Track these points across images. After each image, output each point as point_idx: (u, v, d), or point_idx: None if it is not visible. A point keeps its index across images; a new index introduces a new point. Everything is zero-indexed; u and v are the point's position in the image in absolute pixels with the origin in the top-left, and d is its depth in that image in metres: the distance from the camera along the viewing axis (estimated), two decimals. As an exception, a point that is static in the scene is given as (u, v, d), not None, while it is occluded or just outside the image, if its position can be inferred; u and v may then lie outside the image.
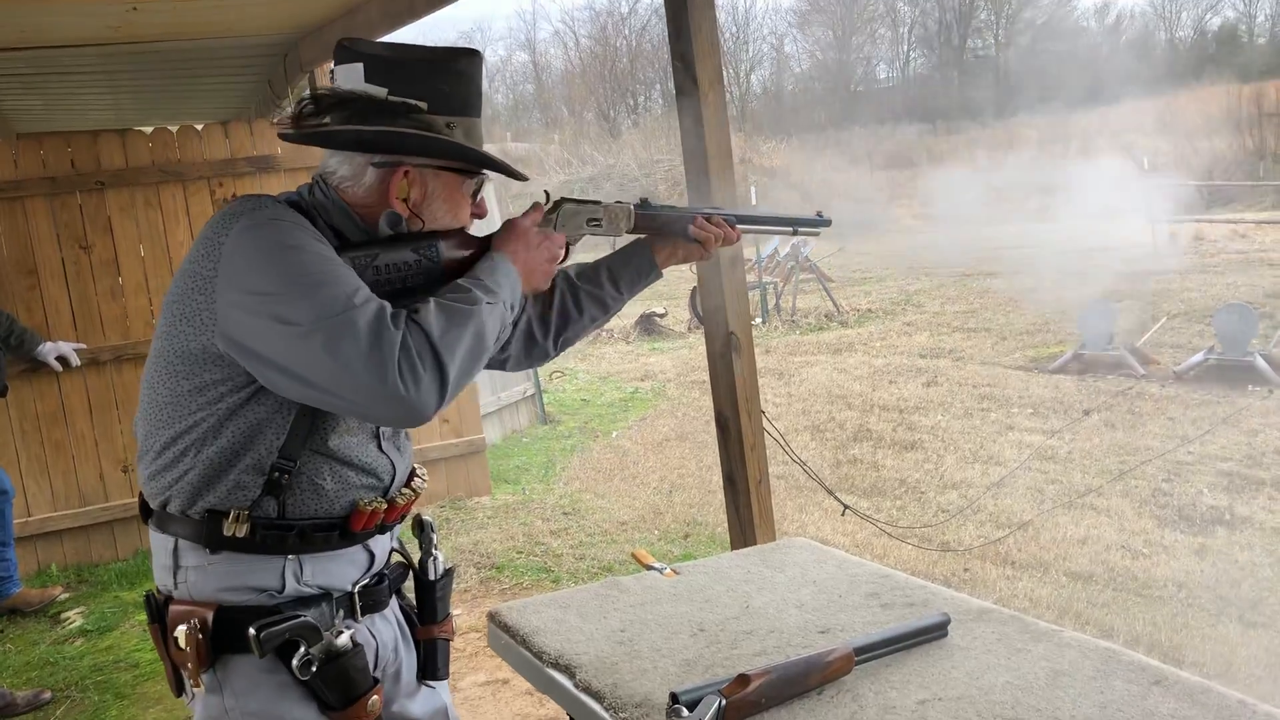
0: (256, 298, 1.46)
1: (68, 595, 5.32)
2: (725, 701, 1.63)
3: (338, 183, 1.65)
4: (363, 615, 1.71)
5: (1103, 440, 6.97)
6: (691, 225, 2.01)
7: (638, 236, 2.04)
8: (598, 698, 1.82)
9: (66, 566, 5.66)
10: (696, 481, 6.65)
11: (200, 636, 1.55)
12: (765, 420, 3.33)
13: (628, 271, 2.03)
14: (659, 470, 7.04)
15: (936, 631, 1.90)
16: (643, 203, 2.00)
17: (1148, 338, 9.76)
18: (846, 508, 4.01)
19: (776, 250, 15.44)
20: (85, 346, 5.51)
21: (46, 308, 5.54)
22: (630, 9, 47.76)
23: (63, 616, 5.07)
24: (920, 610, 2.04)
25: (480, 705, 3.82)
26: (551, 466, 7.31)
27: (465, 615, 4.64)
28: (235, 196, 5.89)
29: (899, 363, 10.24)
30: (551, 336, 2.01)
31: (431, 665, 1.87)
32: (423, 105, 1.61)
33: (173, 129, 5.89)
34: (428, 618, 1.88)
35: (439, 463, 6.23)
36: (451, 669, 4.14)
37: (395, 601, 1.84)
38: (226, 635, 1.56)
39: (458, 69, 1.65)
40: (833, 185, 31.43)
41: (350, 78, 1.60)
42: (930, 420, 7.90)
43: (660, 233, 2.02)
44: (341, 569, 1.67)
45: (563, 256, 1.85)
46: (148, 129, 5.96)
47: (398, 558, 1.85)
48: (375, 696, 1.63)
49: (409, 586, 1.91)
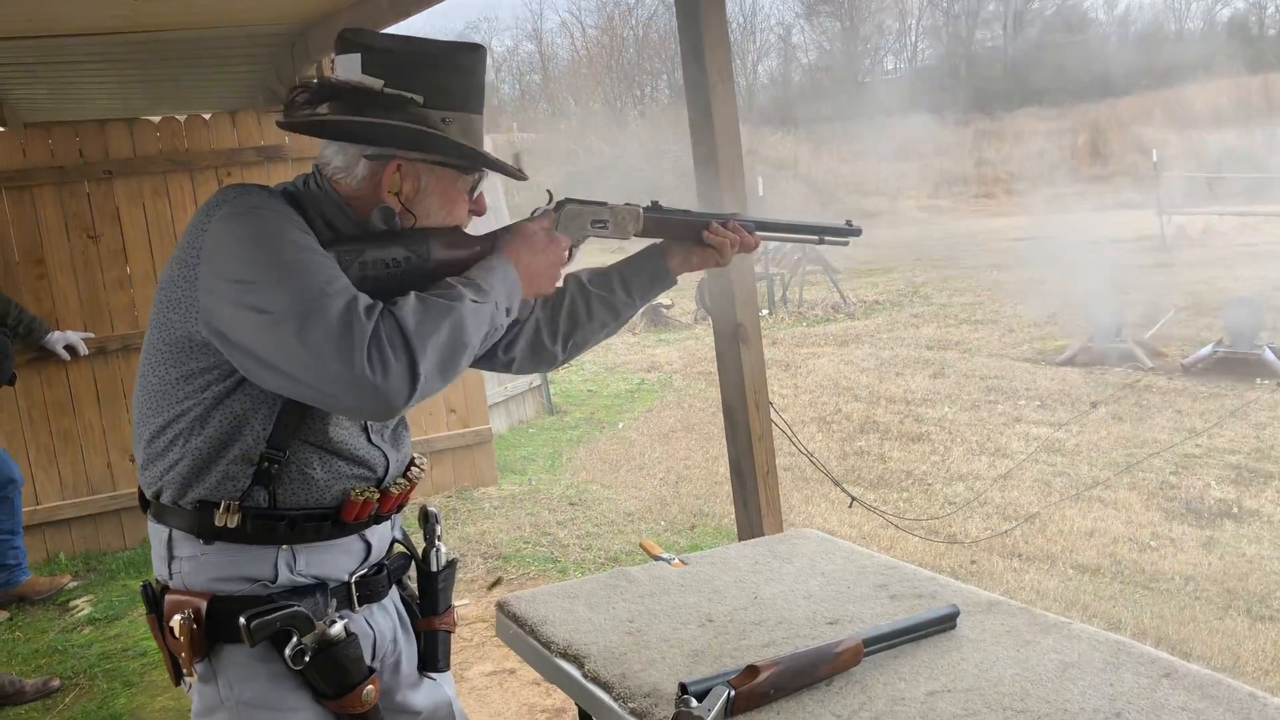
0: (233, 285, 1.45)
1: (76, 584, 5.34)
2: (734, 692, 1.64)
3: (331, 173, 1.64)
4: (360, 605, 1.71)
5: (1110, 433, 6.96)
6: (706, 231, 1.96)
7: (653, 241, 2.00)
8: (606, 687, 1.82)
9: (75, 555, 5.68)
10: (703, 473, 6.64)
11: (194, 626, 1.55)
12: (772, 411, 3.33)
13: (640, 278, 1.99)
14: (665, 461, 7.04)
15: (945, 623, 1.90)
16: (653, 205, 1.95)
17: (1156, 330, 9.73)
18: (854, 499, 4.01)
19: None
20: (93, 335, 5.52)
21: (54, 297, 5.55)
22: (637, 0, 47.63)
23: (71, 605, 5.09)
24: (929, 602, 2.04)
25: (487, 695, 3.83)
26: (558, 457, 7.31)
27: (472, 605, 4.65)
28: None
29: (906, 354, 10.23)
30: (560, 341, 1.97)
31: (431, 657, 1.87)
32: (418, 99, 1.59)
33: (180, 118, 5.89)
34: (428, 609, 1.87)
35: (446, 453, 6.23)
36: (459, 658, 4.16)
37: (395, 592, 1.84)
38: (220, 625, 1.56)
39: (457, 63, 1.64)
40: (840, 176, 31.39)
41: (348, 68, 1.59)
42: (937, 412, 7.89)
43: (672, 236, 1.97)
44: (336, 559, 1.67)
45: (568, 259, 1.83)
46: (155, 118, 5.96)
47: (400, 548, 1.85)
48: (370, 686, 1.63)
49: (412, 576, 1.91)
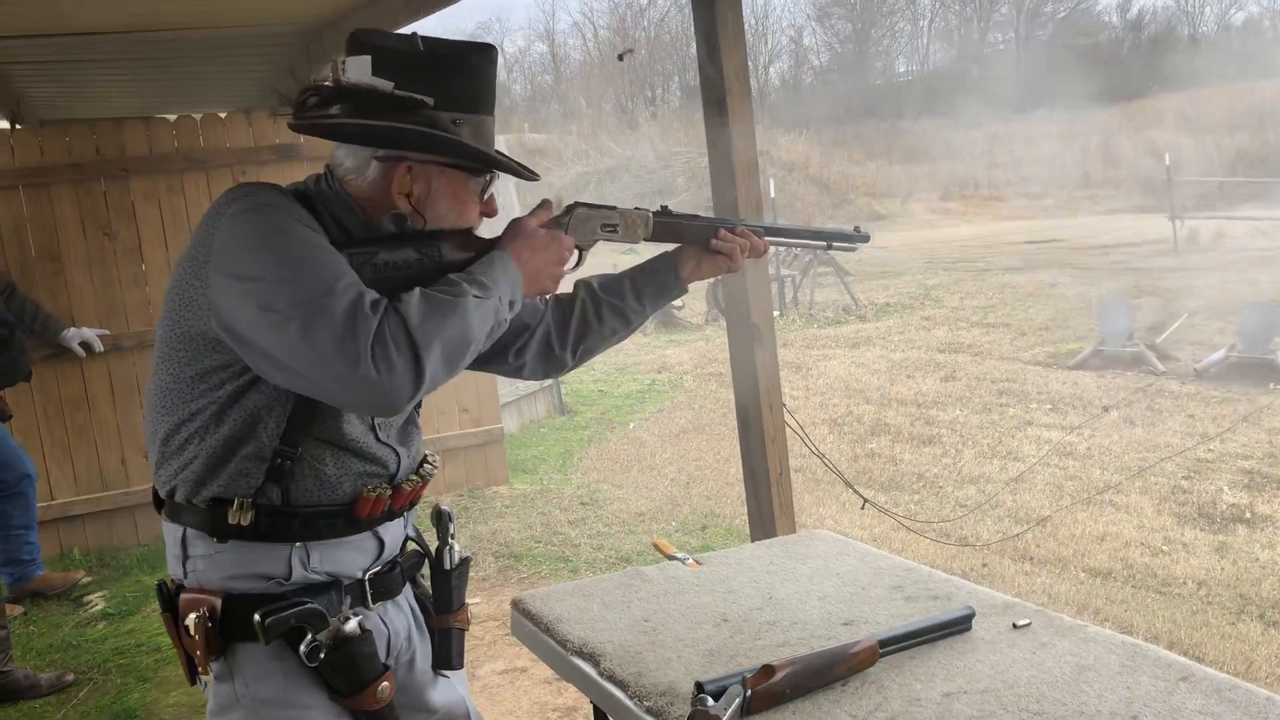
0: (242, 283, 1.46)
1: (90, 579, 5.37)
2: (750, 691, 1.64)
3: (343, 175, 1.65)
4: (374, 602, 1.72)
5: (1122, 437, 6.94)
6: (714, 238, 1.95)
7: (666, 249, 1.99)
8: (622, 686, 1.83)
9: (89, 551, 5.71)
10: (714, 473, 6.65)
11: (209, 625, 1.56)
12: (785, 413, 3.33)
13: (651, 286, 1.98)
14: (676, 462, 7.05)
15: (961, 625, 1.90)
16: (663, 210, 1.94)
17: (1168, 334, 9.70)
18: (866, 501, 4.01)
19: (794, 243, 15.38)
20: (108, 332, 5.55)
21: (70, 294, 5.58)
22: (649, 1, 47.67)
23: (85, 600, 5.11)
24: (944, 604, 2.04)
25: (499, 693, 3.84)
26: (569, 457, 7.32)
27: (484, 604, 4.67)
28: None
29: (917, 357, 10.22)
30: (570, 347, 1.96)
31: (444, 655, 1.87)
32: (429, 100, 1.59)
33: (196, 117, 5.92)
34: (442, 607, 1.87)
35: (457, 452, 6.25)
36: (470, 657, 4.17)
37: (409, 589, 1.84)
38: (235, 623, 1.57)
39: (468, 64, 1.63)
40: (851, 178, 31.36)
41: (359, 70, 1.58)
42: (948, 415, 7.88)
43: (682, 242, 1.97)
44: (350, 556, 1.68)
45: (575, 261, 1.81)
46: (171, 117, 5.99)
47: (413, 546, 1.86)
48: (385, 683, 1.64)
49: (425, 575, 1.91)
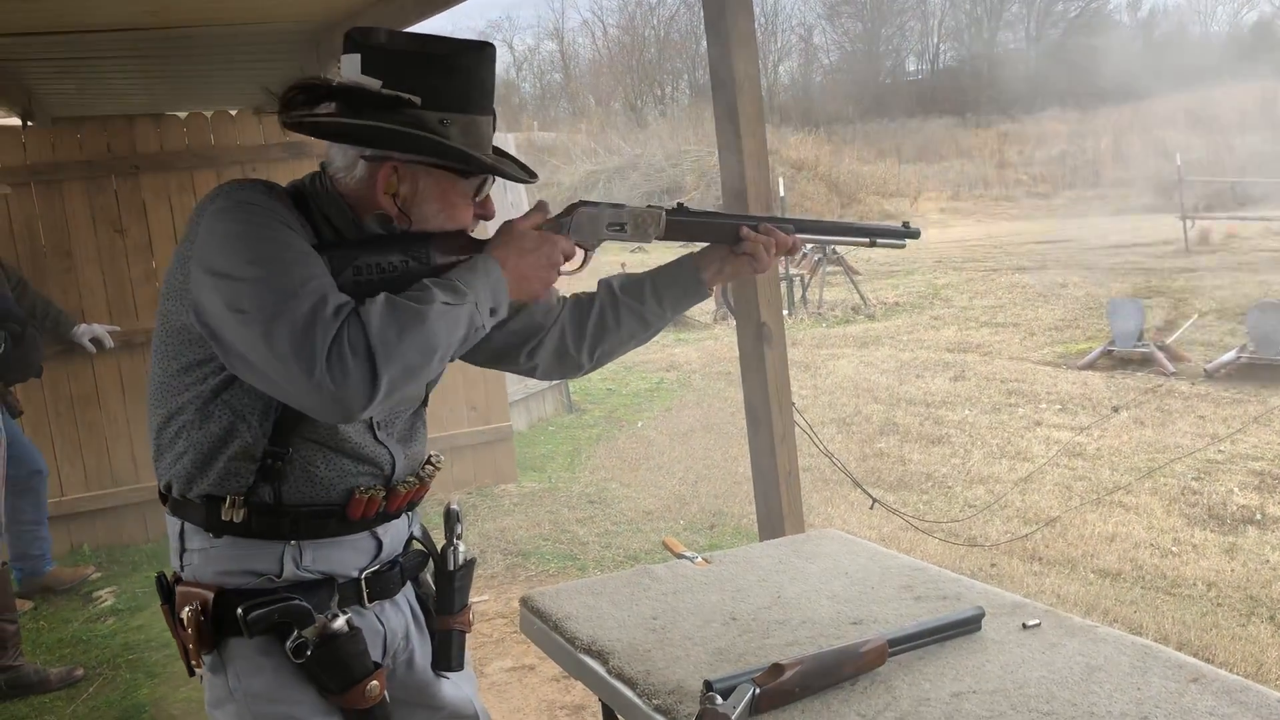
0: (215, 278, 1.46)
1: (99, 575, 5.39)
2: (759, 690, 1.64)
3: (333, 173, 1.64)
4: (371, 601, 1.71)
5: (1132, 437, 6.92)
6: (740, 238, 1.86)
7: (687, 250, 1.94)
8: (630, 684, 1.83)
9: (98, 546, 5.73)
10: (722, 472, 6.65)
11: (201, 618, 1.58)
12: (794, 412, 3.33)
13: (674, 289, 1.93)
14: (685, 460, 7.05)
15: (970, 625, 1.90)
16: (678, 208, 1.87)
17: (1178, 335, 9.67)
18: (875, 501, 4.00)
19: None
20: (119, 329, 5.56)
21: (81, 290, 5.60)
22: (659, -1, 47.67)
23: (94, 596, 5.13)
24: (953, 603, 2.04)
25: (506, 690, 3.84)
26: (577, 455, 7.33)
27: (492, 601, 4.67)
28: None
29: (926, 357, 10.20)
30: (586, 349, 1.92)
31: (444, 656, 1.83)
32: (416, 100, 1.55)
33: (207, 114, 5.93)
34: (443, 608, 1.84)
35: (466, 449, 6.26)
36: (478, 654, 4.18)
37: (410, 589, 1.83)
38: (227, 618, 1.58)
39: (459, 64, 1.59)
40: (860, 177, 31.31)
41: (349, 68, 1.58)
42: (957, 415, 7.86)
43: (702, 241, 1.90)
44: (345, 555, 1.68)
45: (579, 263, 1.77)
46: (182, 114, 6.00)
47: (418, 545, 1.85)
48: (374, 682, 1.62)
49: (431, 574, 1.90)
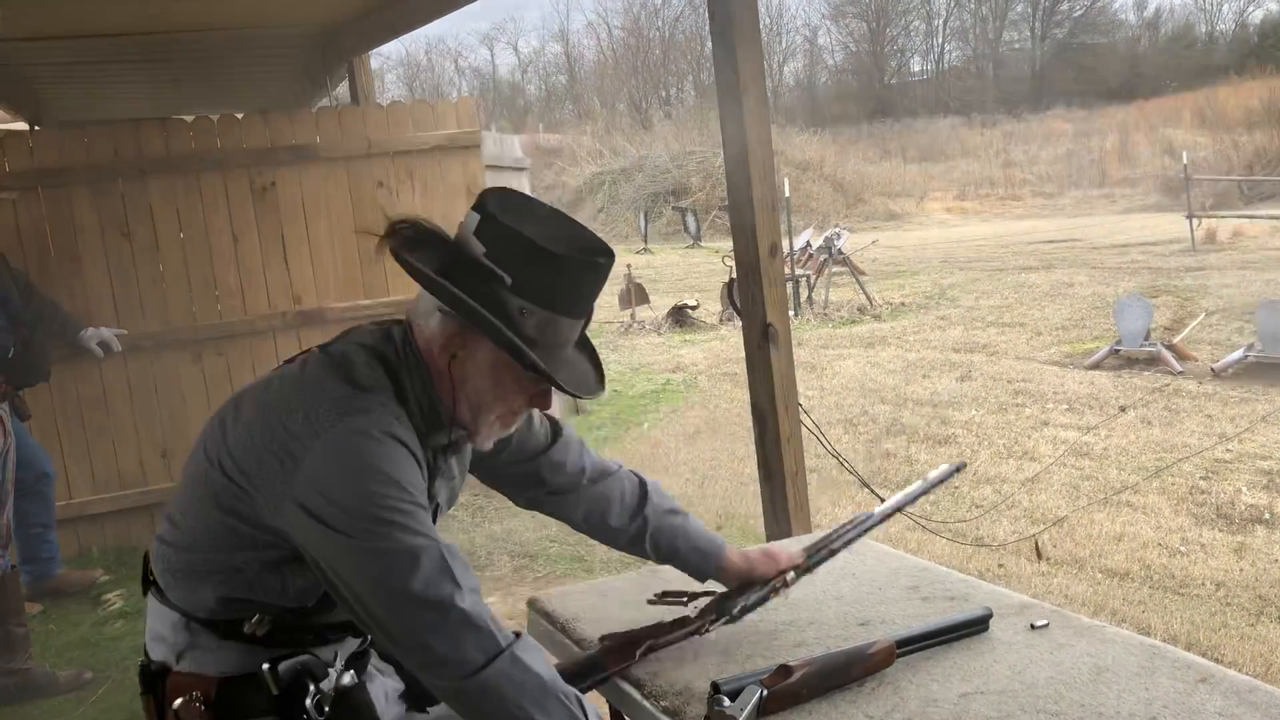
0: (334, 511, 1.44)
1: (108, 578, 5.39)
2: (766, 691, 1.64)
3: (414, 319, 1.62)
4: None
5: (1139, 437, 6.90)
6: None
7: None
8: (638, 685, 1.83)
9: (107, 549, 5.73)
10: (729, 473, 6.64)
11: (202, 707, 1.54)
12: (801, 413, 3.33)
13: (689, 566, 2.03)
14: (691, 461, 7.05)
15: (978, 626, 1.89)
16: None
17: (1185, 334, 9.65)
18: (883, 501, 3.99)
19: (809, 243, 15.39)
20: (126, 333, 5.57)
21: (89, 294, 5.60)
22: (664, 0, 47.69)
23: (103, 599, 5.14)
24: (960, 604, 2.04)
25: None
26: (584, 457, 7.32)
27: (499, 603, 4.67)
28: (274, 184, 5.84)
29: (932, 357, 10.19)
30: (587, 527, 2.03)
31: (421, 698, 1.82)
32: (507, 280, 1.52)
33: (213, 118, 5.94)
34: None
35: (472, 452, 6.26)
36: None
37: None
38: (228, 704, 1.56)
39: (562, 266, 1.54)
40: (866, 177, 31.29)
41: (467, 224, 1.56)
42: (964, 415, 7.85)
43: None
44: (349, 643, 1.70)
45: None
46: (189, 118, 6.02)
47: None
48: None
49: None
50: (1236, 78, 33.24)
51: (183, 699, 1.54)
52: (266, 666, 1.54)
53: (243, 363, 5.81)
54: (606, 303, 12.68)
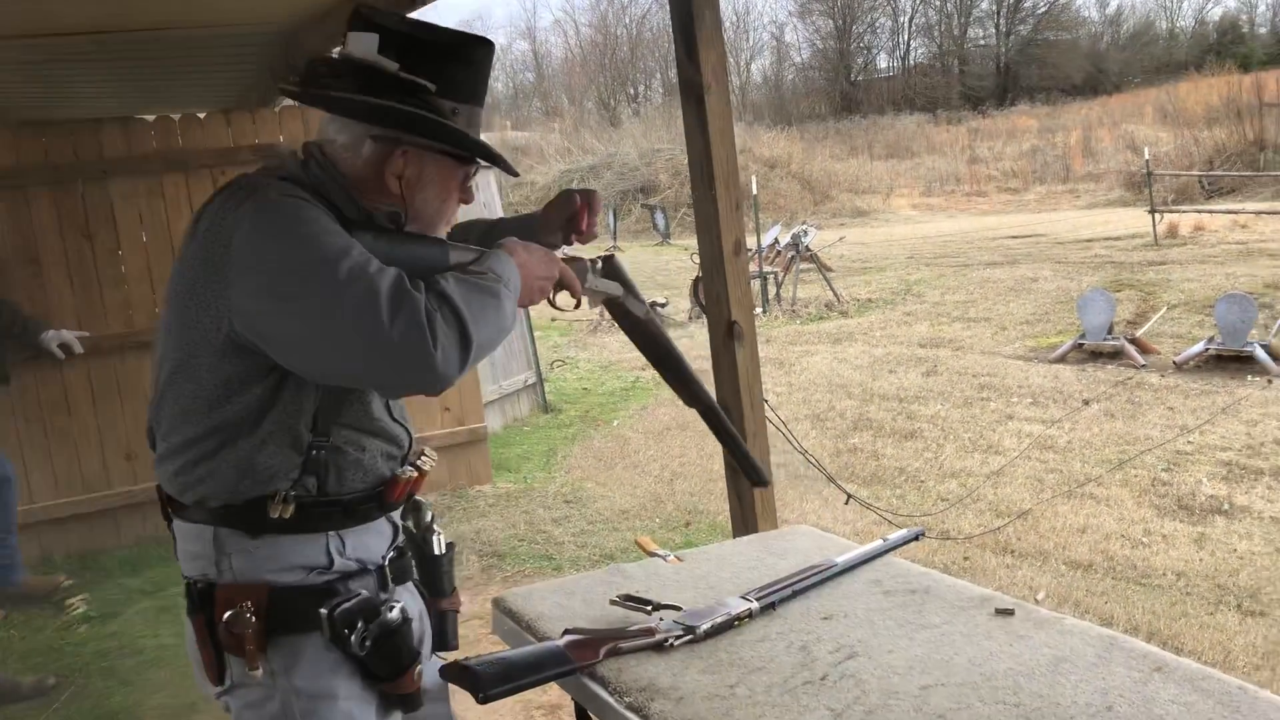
0: (272, 278, 1.46)
1: (71, 583, 5.33)
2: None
3: (335, 151, 1.64)
4: (396, 585, 1.75)
5: (1102, 430, 6.99)
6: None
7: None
8: (603, 683, 1.84)
9: (70, 554, 5.67)
10: (698, 470, 6.66)
11: (253, 618, 1.56)
12: (767, 409, 3.34)
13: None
14: (660, 459, 7.06)
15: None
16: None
17: (1147, 328, 9.77)
18: (850, 496, 4.03)
19: (777, 240, 15.44)
20: (88, 334, 5.50)
21: (49, 296, 5.54)
22: (631, -2, 47.69)
23: (67, 604, 5.08)
24: (922, 597, 2.06)
25: (483, 692, 3.84)
26: (553, 455, 7.33)
27: (467, 603, 4.66)
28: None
29: (899, 352, 10.26)
30: None
31: (442, 637, 1.90)
32: (431, 87, 1.59)
33: (175, 117, 5.89)
34: (435, 592, 1.89)
35: (441, 451, 6.17)
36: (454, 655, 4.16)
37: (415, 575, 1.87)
38: (279, 616, 1.57)
39: (471, 55, 1.65)
40: (833, 174, 31.42)
41: (364, 47, 1.58)
42: (930, 410, 7.91)
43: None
44: (372, 542, 1.71)
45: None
46: (150, 117, 5.96)
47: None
48: (420, 666, 1.68)
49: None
50: (1197, 74, 33.64)
51: (233, 611, 1.56)
52: (325, 611, 1.57)
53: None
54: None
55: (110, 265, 5.68)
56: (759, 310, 13.14)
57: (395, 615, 1.64)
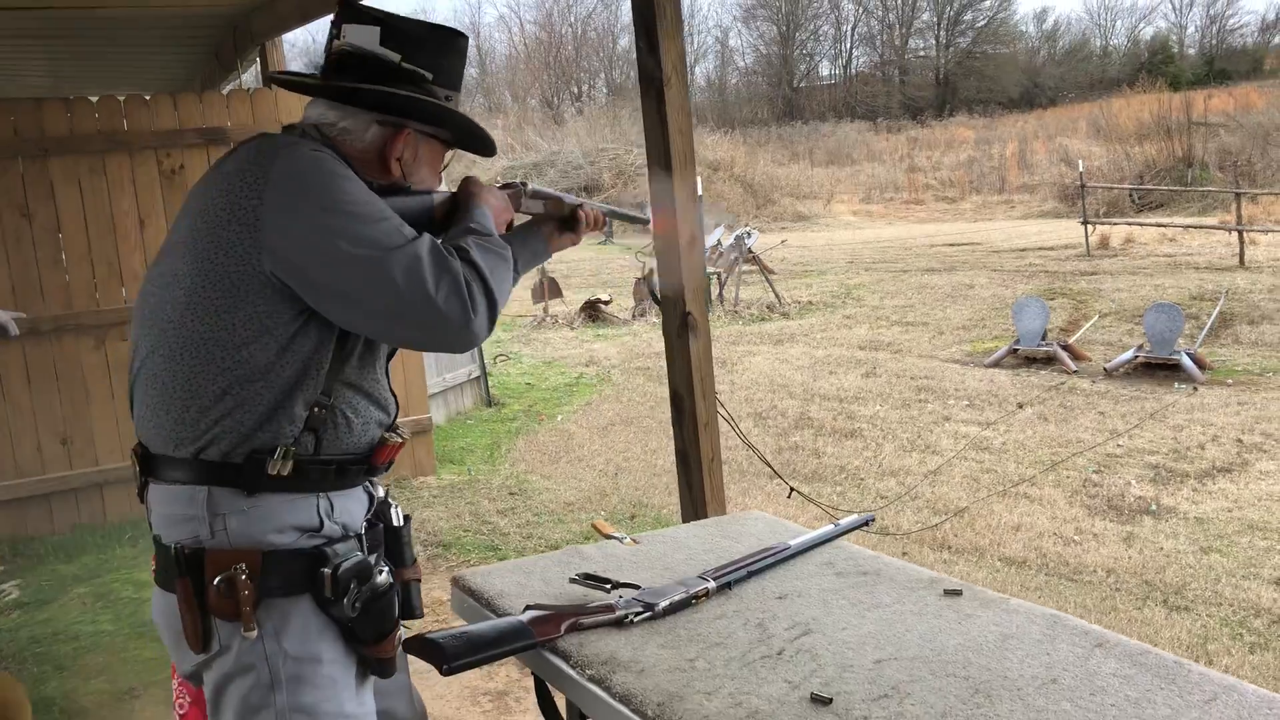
0: (320, 223, 1.53)
1: (2, 568, 5.23)
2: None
3: (337, 134, 1.71)
4: (371, 553, 1.75)
5: (1036, 433, 7.16)
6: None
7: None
8: (564, 656, 1.87)
9: (1, 539, 5.55)
10: (642, 464, 6.71)
11: (249, 579, 1.56)
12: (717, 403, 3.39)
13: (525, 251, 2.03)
14: (605, 453, 7.09)
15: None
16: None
17: (1080, 335, 10.02)
18: (793, 490, 4.10)
19: (720, 242, 15.55)
20: (25, 316, 5.38)
21: (-16, 276, 5.42)
22: (576, -3, 47.64)
23: (-2, 589, 4.99)
24: (873, 579, 2.12)
25: (429, 678, 3.81)
26: (497, 448, 7.32)
27: (412, 592, 4.66)
28: (183, 167, 5.74)
29: (839, 354, 10.40)
30: None
31: (409, 606, 1.90)
32: (429, 75, 1.72)
33: (120, 98, 5.79)
34: (399, 562, 1.89)
35: (384, 442, 6.20)
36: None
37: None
38: (272, 579, 1.58)
39: (458, 45, 1.80)
40: (775, 179, 31.69)
41: (365, 39, 1.68)
42: (869, 410, 8.04)
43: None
44: (355, 508, 1.73)
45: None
46: (94, 97, 5.85)
47: None
48: (400, 631, 1.72)
49: None
50: (1129, 90, 34.50)
51: (226, 574, 1.56)
52: (328, 571, 1.60)
53: (148, 349, 5.66)
54: (520, 296, 12.64)
55: (49, 245, 5.56)
56: (701, 310, 13.21)
57: (385, 578, 1.67)
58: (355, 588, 1.62)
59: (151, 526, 1.68)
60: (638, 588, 2.05)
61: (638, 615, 1.96)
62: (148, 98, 5.81)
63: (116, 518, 5.65)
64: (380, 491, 1.91)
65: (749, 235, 15.06)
